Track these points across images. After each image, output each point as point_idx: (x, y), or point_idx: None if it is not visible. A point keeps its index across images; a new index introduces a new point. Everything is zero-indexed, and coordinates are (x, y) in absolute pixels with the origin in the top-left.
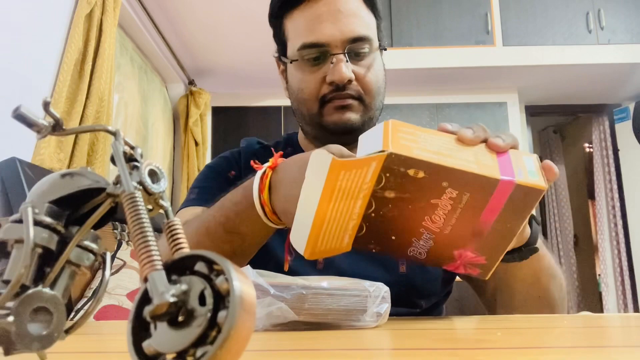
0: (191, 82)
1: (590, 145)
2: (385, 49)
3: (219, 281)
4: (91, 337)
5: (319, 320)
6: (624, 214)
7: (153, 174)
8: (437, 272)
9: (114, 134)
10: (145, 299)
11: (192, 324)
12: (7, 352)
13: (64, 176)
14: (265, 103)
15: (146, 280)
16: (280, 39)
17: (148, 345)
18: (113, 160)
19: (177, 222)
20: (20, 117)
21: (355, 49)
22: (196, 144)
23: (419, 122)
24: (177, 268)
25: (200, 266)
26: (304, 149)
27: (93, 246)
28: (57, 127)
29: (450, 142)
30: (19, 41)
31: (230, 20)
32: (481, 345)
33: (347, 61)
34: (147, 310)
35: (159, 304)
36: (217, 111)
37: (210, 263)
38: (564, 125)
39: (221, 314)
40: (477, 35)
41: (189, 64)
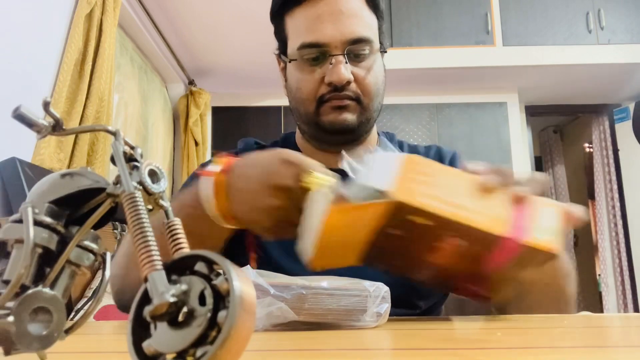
0: (191, 82)
1: (590, 145)
2: (386, 51)
3: (219, 281)
4: (91, 337)
5: (319, 320)
6: (624, 214)
7: (153, 174)
8: None
9: (114, 134)
10: (145, 299)
11: (192, 324)
12: (7, 352)
13: (64, 176)
14: (265, 103)
15: (146, 280)
16: (280, 36)
17: (148, 345)
18: (113, 160)
19: (177, 222)
20: (20, 117)
21: (355, 50)
22: (196, 144)
23: (419, 122)
24: (177, 268)
25: (200, 266)
26: (301, 148)
27: (93, 246)
28: (57, 127)
29: (467, 187)
30: (19, 41)
31: (230, 20)
32: (481, 345)
33: (347, 62)
34: (147, 310)
35: (159, 304)
36: (217, 111)
37: (210, 263)
38: (564, 125)
39: (221, 314)
40: (477, 35)
41: (189, 64)
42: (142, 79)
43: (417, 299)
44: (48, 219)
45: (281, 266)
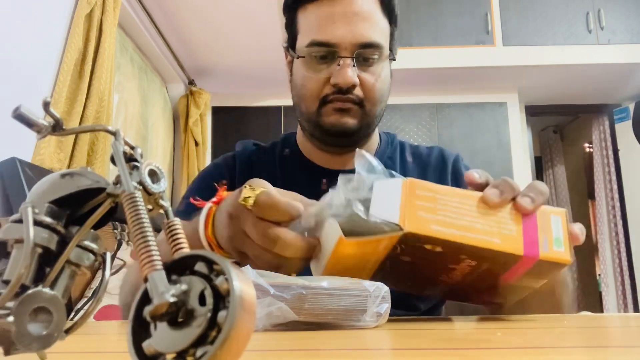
0: (191, 82)
1: (590, 145)
2: (395, 59)
3: (219, 281)
4: (91, 337)
5: (319, 320)
6: (624, 214)
7: (153, 174)
8: None
9: (114, 134)
10: (145, 299)
11: (192, 324)
12: (7, 352)
13: (64, 176)
14: (265, 103)
15: (146, 280)
16: (291, 30)
17: (148, 345)
18: (113, 160)
19: (177, 222)
20: (20, 117)
21: (365, 54)
22: (196, 144)
23: (419, 122)
24: (177, 268)
25: (200, 266)
26: (301, 148)
27: (93, 246)
28: (57, 127)
29: (472, 206)
30: (19, 41)
31: (231, 20)
32: (481, 345)
33: (354, 66)
34: (147, 310)
35: (159, 304)
36: (217, 111)
37: (210, 263)
38: (564, 125)
39: (221, 314)
40: (477, 35)
41: (189, 64)
42: (142, 79)
43: (416, 300)
44: (48, 219)
45: None
